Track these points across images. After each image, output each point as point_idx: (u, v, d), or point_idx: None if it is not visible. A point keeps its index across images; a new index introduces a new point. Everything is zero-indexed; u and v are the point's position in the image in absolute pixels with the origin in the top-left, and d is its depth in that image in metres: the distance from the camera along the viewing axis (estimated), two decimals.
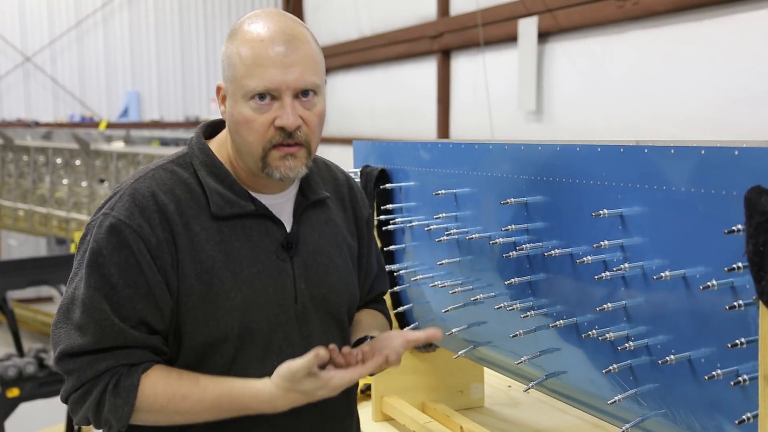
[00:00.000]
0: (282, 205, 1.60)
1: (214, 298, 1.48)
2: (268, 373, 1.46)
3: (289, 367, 1.42)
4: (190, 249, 1.48)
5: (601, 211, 1.44)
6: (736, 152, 1.21)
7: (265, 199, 1.57)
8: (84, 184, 6.99)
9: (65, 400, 1.50)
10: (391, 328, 1.86)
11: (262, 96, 1.45)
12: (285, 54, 1.45)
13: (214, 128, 1.64)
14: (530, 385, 1.72)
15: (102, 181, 6.86)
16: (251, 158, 1.50)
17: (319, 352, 1.40)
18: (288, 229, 1.58)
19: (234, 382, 1.48)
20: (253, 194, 1.56)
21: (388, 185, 2.23)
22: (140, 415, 1.47)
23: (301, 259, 1.58)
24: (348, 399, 1.71)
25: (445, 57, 7.00)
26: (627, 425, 1.46)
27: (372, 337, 1.62)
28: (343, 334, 1.67)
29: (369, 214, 1.80)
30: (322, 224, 1.66)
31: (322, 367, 1.44)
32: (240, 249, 1.52)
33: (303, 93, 1.48)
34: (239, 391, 1.46)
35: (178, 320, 1.49)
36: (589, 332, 1.50)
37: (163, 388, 1.46)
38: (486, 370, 2.48)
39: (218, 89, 1.55)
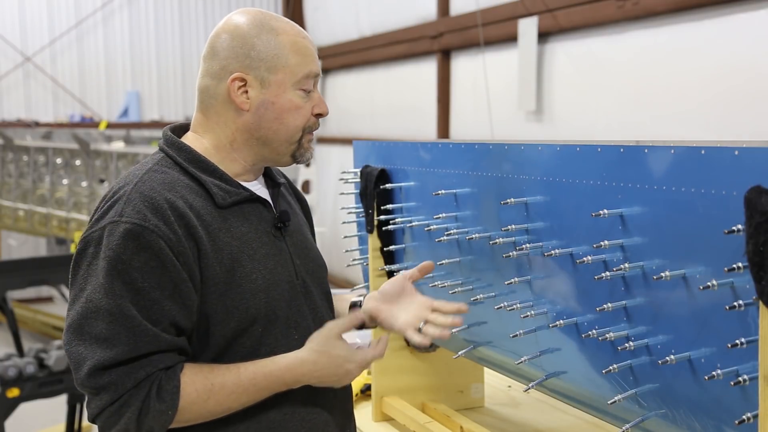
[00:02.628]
0: (260, 191, 1.67)
1: (239, 282, 1.52)
2: (292, 348, 1.57)
3: (328, 325, 1.59)
4: (209, 240, 1.51)
5: (601, 211, 1.44)
6: (736, 152, 1.21)
7: (249, 187, 1.65)
8: (84, 184, 6.99)
9: (96, 418, 1.46)
10: None
11: (308, 87, 1.61)
12: (314, 48, 1.65)
13: (179, 131, 1.68)
14: (530, 385, 1.72)
15: (102, 181, 6.86)
16: (287, 142, 1.62)
17: (358, 315, 1.65)
18: (274, 211, 1.67)
19: (265, 360, 1.53)
20: (242, 183, 1.64)
21: (388, 185, 2.23)
22: (182, 416, 1.47)
23: (290, 238, 1.67)
24: (346, 406, 1.76)
25: (445, 57, 7.00)
26: (627, 425, 1.46)
27: (359, 303, 1.78)
28: (331, 305, 1.78)
29: (305, 197, 1.95)
30: (289, 206, 1.76)
31: None
32: (247, 233, 1.58)
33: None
34: (272, 365, 1.52)
35: (206, 312, 1.50)
36: (589, 332, 1.50)
37: (202, 383, 1.47)
38: (486, 370, 2.48)
39: (236, 78, 1.56)
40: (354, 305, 1.79)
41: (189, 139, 1.64)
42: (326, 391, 1.63)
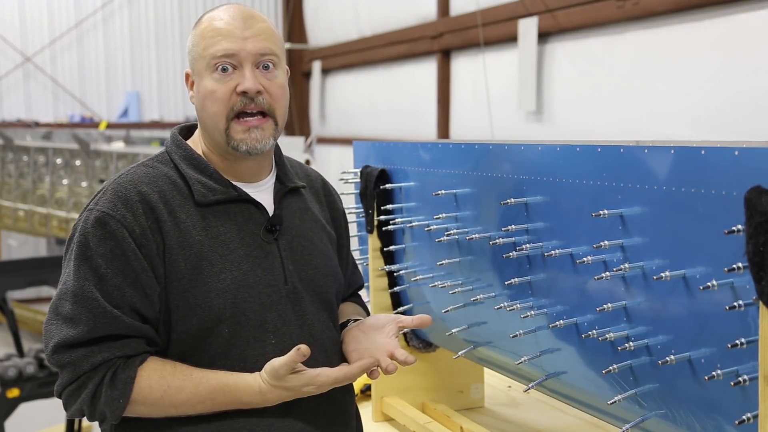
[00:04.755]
0: (262, 193, 1.66)
1: (204, 280, 1.52)
2: (267, 353, 1.53)
3: (272, 364, 1.48)
4: (177, 235, 1.52)
5: (601, 211, 1.44)
6: (736, 152, 1.21)
7: (247, 188, 1.64)
8: (84, 184, 6.99)
9: (59, 394, 1.53)
10: None
11: (224, 67, 1.54)
12: (243, 27, 1.56)
13: (188, 130, 1.71)
14: (530, 385, 1.71)
15: (102, 181, 6.85)
16: (217, 131, 1.58)
17: (301, 348, 1.45)
18: (270, 214, 1.65)
19: (227, 375, 1.51)
20: (236, 183, 1.63)
21: (388, 185, 2.23)
22: (135, 408, 1.50)
23: (286, 242, 1.64)
24: (345, 404, 1.72)
25: (445, 57, 7.00)
26: (627, 425, 1.46)
27: (356, 320, 1.71)
28: (332, 316, 1.73)
29: (344, 210, 1.90)
30: (302, 211, 1.72)
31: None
32: (226, 233, 1.57)
33: (264, 66, 1.57)
34: (232, 385, 1.50)
35: (168, 307, 1.52)
36: (589, 332, 1.50)
37: (158, 381, 1.49)
38: (486, 370, 2.48)
39: (186, 77, 1.64)
40: (346, 324, 1.74)
41: (193, 138, 1.68)
42: (307, 402, 1.57)
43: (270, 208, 1.65)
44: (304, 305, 1.63)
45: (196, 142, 1.66)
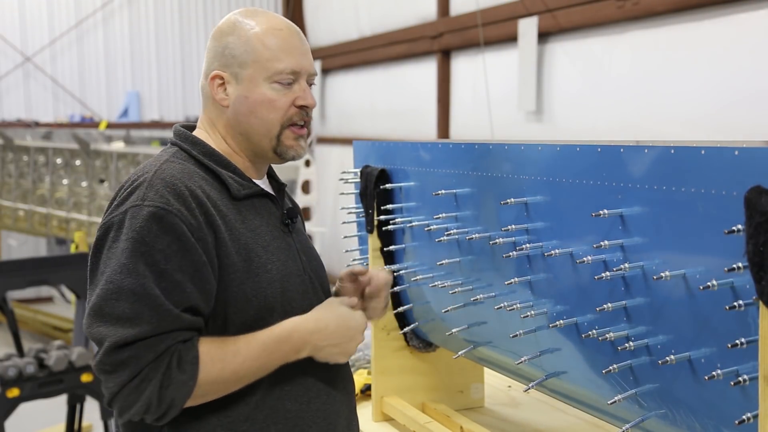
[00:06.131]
0: (267, 189, 1.71)
1: (255, 271, 1.56)
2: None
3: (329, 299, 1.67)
4: (225, 228, 1.55)
5: (601, 211, 1.44)
6: (736, 152, 1.21)
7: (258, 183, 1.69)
8: (84, 184, 6.99)
9: (114, 396, 1.45)
10: None
11: (287, 82, 1.62)
12: (302, 43, 1.66)
13: (188, 130, 1.72)
14: (530, 385, 1.72)
15: (102, 181, 6.85)
16: (266, 137, 1.63)
17: (354, 299, 1.70)
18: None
19: (273, 326, 1.56)
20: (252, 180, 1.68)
21: (388, 185, 2.23)
22: (200, 388, 1.48)
23: (296, 235, 1.72)
24: (351, 401, 1.78)
25: (445, 57, 7.00)
26: (627, 425, 1.46)
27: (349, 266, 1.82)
28: None
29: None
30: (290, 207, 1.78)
31: None
32: (260, 226, 1.62)
33: (309, 82, 1.67)
34: (279, 328, 1.55)
35: (226, 300, 1.53)
36: (589, 332, 1.50)
37: (217, 352, 1.49)
38: (486, 370, 2.48)
39: (215, 77, 1.64)
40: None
41: (200, 136, 1.70)
42: (336, 382, 1.68)
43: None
44: (319, 294, 1.71)
45: (206, 140, 1.68)
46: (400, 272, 2.23)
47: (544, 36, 5.65)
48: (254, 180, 1.68)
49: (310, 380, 1.63)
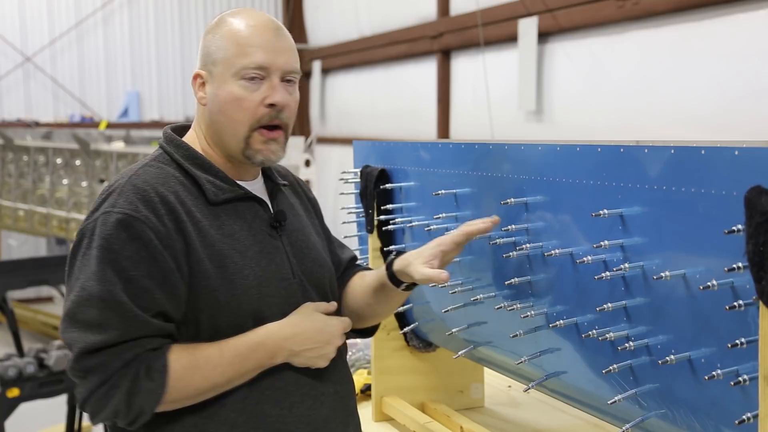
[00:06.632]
0: (258, 190, 1.68)
1: (230, 278, 1.53)
2: None
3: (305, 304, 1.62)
4: (197, 235, 1.53)
5: (601, 211, 1.44)
6: (736, 152, 1.21)
7: (245, 185, 1.65)
8: (84, 184, 6.99)
9: (85, 401, 1.47)
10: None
11: (253, 77, 1.56)
12: (276, 39, 1.59)
13: (181, 129, 1.72)
14: (530, 385, 1.72)
15: (102, 181, 6.85)
16: (234, 139, 1.59)
17: (333, 304, 1.67)
18: (271, 210, 1.67)
19: (248, 332, 1.54)
20: (238, 181, 1.65)
21: (388, 185, 2.23)
22: (170, 395, 1.48)
23: (287, 237, 1.67)
24: (353, 394, 1.76)
25: (445, 57, 7.00)
26: (627, 425, 1.46)
27: (399, 254, 1.76)
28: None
29: (314, 196, 1.93)
30: (290, 207, 1.75)
31: None
32: (239, 231, 1.59)
33: (287, 80, 1.60)
34: (253, 334, 1.54)
35: (196, 307, 1.52)
36: (589, 332, 1.50)
37: (188, 359, 1.49)
38: (486, 370, 2.48)
39: (196, 77, 1.64)
40: (389, 266, 1.77)
41: (189, 137, 1.69)
42: (326, 386, 1.64)
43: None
44: (311, 297, 1.67)
45: (194, 142, 1.67)
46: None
47: (544, 36, 5.65)
48: (241, 181, 1.65)
49: (292, 385, 1.60)
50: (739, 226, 1.17)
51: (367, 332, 1.95)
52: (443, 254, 1.69)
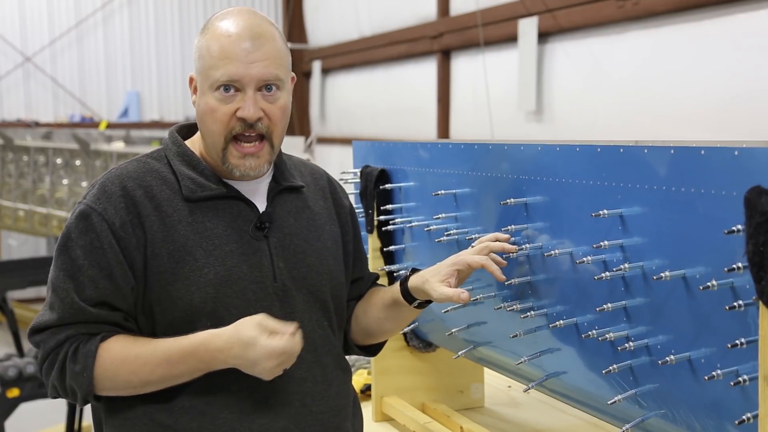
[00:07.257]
0: (255, 191, 1.67)
1: (186, 274, 1.54)
2: None
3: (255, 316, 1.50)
4: (161, 230, 1.55)
5: (601, 211, 1.44)
6: (736, 152, 1.21)
7: (239, 185, 1.65)
8: (84, 184, 6.99)
9: (39, 374, 1.60)
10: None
11: (227, 87, 1.54)
12: (250, 50, 1.54)
13: (189, 128, 1.73)
14: (530, 385, 1.72)
15: None
16: (214, 150, 1.60)
17: (289, 324, 1.49)
18: (261, 211, 1.65)
19: (185, 336, 1.52)
20: (228, 181, 1.64)
21: (388, 185, 2.23)
22: (100, 383, 1.52)
23: (277, 240, 1.65)
24: (339, 404, 1.69)
25: (445, 57, 7.00)
26: (627, 425, 1.46)
27: (414, 270, 1.73)
28: (327, 315, 1.71)
29: (351, 205, 1.88)
30: (299, 210, 1.72)
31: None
32: (213, 229, 1.59)
33: (266, 87, 1.56)
34: (187, 340, 1.51)
35: (150, 299, 1.55)
36: (589, 332, 1.50)
37: (119, 351, 1.52)
38: (486, 370, 2.48)
39: (191, 80, 1.64)
40: (403, 282, 1.73)
41: (196, 136, 1.70)
42: (289, 397, 1.58)
43: (263, 207, 1.65)
44: (294, 303, 1.63)
45: (197, 141, 1.68)
46: (400, 272, 2.23)
47: (544, 36, 5.65)
48: (239, 180, 1.63)
49: (245, 392, 1.55)
50: (739, 226, 1.17)
51: (372, 350, 1.91)
52: (459, 273, 1.67)
